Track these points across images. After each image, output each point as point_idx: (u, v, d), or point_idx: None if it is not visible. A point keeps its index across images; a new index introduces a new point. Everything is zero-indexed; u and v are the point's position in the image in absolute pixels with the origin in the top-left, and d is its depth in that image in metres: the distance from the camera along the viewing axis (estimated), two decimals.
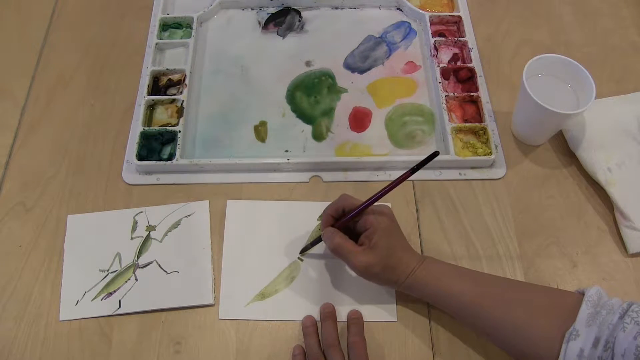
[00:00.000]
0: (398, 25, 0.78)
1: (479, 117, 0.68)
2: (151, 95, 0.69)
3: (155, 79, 0.71)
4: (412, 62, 0.74)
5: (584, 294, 0.46)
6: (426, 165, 0.64)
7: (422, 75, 0.73)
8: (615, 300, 0.45)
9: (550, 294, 0.50)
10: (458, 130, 0.67)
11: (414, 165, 0.51)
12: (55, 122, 0.69)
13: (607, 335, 0.42)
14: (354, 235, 0.53)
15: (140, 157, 0.64)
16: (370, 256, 0.51)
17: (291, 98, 0.71)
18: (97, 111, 0.70)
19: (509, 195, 0.64)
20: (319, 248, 0.60)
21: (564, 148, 0.66)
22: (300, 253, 0.60)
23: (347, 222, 0.53)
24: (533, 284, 0.54)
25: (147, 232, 0.61)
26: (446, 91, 0.70)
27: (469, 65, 0.72)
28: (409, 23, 0.78)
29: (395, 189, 0.52)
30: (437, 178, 0.65)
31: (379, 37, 0.77)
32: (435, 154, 0.51)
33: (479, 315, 0.49)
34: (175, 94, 0.69)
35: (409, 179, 0.51)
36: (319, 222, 0.61)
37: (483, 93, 0.70)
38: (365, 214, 0.53)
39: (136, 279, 0.58)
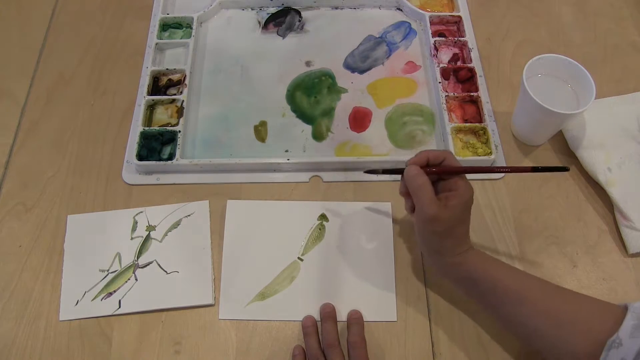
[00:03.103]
0: (398, 25, 0.78)
1: (479, 117, 0.68)
2: (151, 95, 0.69)
3: (155, 79, 0.71)
4: (412, 62, 0.74)
5: (627, 308, 0.45)
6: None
7: (422, 75, 0.73)
8: None
9: (596, 301, 0.49)
10: (458, 130, 0.67)
11: (541, 167, 0.51)
12: (55, 122, 0.69)
13: None
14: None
15: (140, 157, 0.64)
16: (443, 211, 0.49)
17: (291, 98, 0.71)
18: (97, 111, 0.70)
19: (509, 195, 0.64)
20: (319, 248, 0.60)
21: (564, 148, 0.66)
22: (365, 171, 0.58)
23: (440, 173, 0.52)
24: (577, 291, 0.52)
25: (147, 232, 0.61)
26: (446, 91, 0.70)
27: (469, 65, 0.72)
28: (409, 23, 0.78)
29: (395, 188, 0.52)
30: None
31: (379, 37, 0.77)
32: (566, 168, 0.51)
33: (524, 306, 0.48)
34: (175, 94, 0.69)
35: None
36: (319, 221, 0.61)
37: (483, 93, 0.70)
38: (459, 178, 0.51)
39: (136, 279, 0.58)
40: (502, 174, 0.65)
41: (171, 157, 0.64)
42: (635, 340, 0.42)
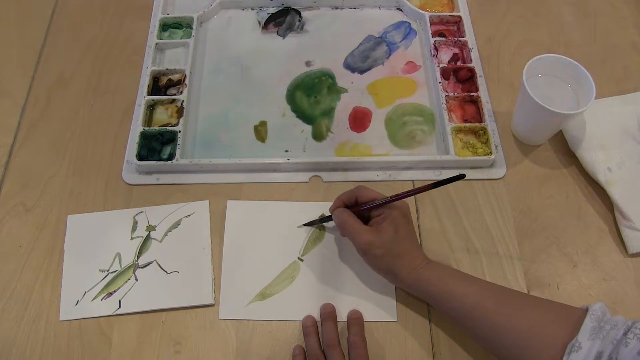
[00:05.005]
0: (398, 25, 0.78)
1: (479, 117, 0.68)
2: (151, 95, 0.69)
3: (155, 79, 0.71)
4: (412, 62, 0.74)
5: (587, 310, 0.45)
6: (426, 165, 0.65)
7: (422, 75, 0.73)
8: (619, 317, 0.44)
9: (555, 306, 0.49)
10: (458, 130, 0.67)
11: (438, 180, 0.52)
12: (55, 122, 0.69)
13: (610, 350, 0.41)
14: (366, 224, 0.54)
15: (140, 157, 0.64)
16: (375, 236, 0.51)
17: (291, 98, 0.71)
18: (97, 111, 0.70)
19: (509, 195, 0.64)
20: (320, 248, 0.60)
21: (564, 148, 0.66)
22: (302, 225, 0.61)
23: (360, 211, 0.54)
24: (538, 297, 0.53)
25: (147, 232, 0.61)
26: (446, 91, 0.70)
27: (469, 65, 0.72)
28: (409, 23, 0.78)
29: (394, 189, 0.52)
30: (437, 178, 0.65)
31: (379, 37, 0.77)
32: (462, 176, 0.51)
33: (481, 320, 0.49)
34: (175, 94, 0.69)
35: (419, 190, 0.53)
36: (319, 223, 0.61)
37: (483, 93, 0.70)
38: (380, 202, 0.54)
39: (136, 279, 0.58)
40: (502, 175, 0.65)
41: (171, 157, 0.64)
42: (595, 342, 0.42)
